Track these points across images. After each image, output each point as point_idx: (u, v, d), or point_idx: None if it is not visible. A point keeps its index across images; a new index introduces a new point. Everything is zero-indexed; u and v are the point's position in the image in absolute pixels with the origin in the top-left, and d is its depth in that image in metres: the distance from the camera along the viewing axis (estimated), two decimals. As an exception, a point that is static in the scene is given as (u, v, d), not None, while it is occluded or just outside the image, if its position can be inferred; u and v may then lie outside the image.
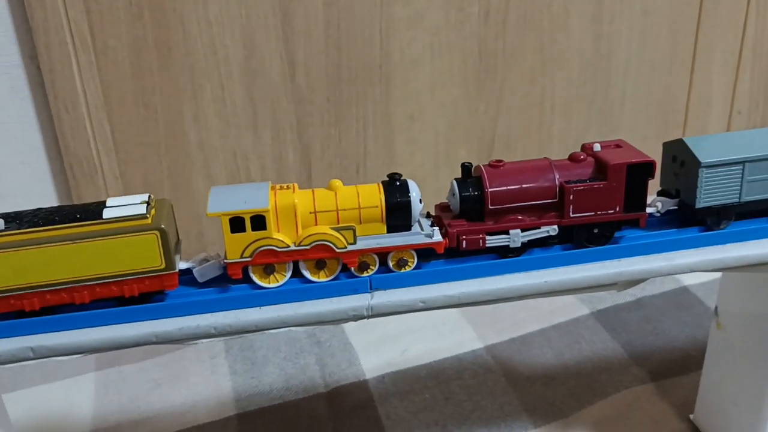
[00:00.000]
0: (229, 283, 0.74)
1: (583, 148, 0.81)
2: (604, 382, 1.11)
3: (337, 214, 0.72)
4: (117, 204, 0.70)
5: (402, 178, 0.75)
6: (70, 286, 0.68)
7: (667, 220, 0.83)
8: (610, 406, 1.06)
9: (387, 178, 0.75)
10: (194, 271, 0.73)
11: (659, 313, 1.28)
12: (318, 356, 1.21)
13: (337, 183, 0.74)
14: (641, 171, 0.75)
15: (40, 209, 0.70)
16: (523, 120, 1.49)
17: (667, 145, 0.83)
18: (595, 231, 0.77)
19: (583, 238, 0.77)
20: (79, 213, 0.68)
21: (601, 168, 0.76)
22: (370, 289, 0.74)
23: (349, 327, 1.28)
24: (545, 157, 0.79)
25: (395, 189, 0.74)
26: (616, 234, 0.78)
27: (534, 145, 1.52)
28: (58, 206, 0.71)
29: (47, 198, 1.21)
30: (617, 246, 0.78)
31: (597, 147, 0.79)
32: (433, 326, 1.28)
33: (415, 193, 0.74)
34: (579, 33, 1.45)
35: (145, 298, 0.71)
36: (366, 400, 1.10)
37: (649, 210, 0.81)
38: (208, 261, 0.75)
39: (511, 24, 1.39)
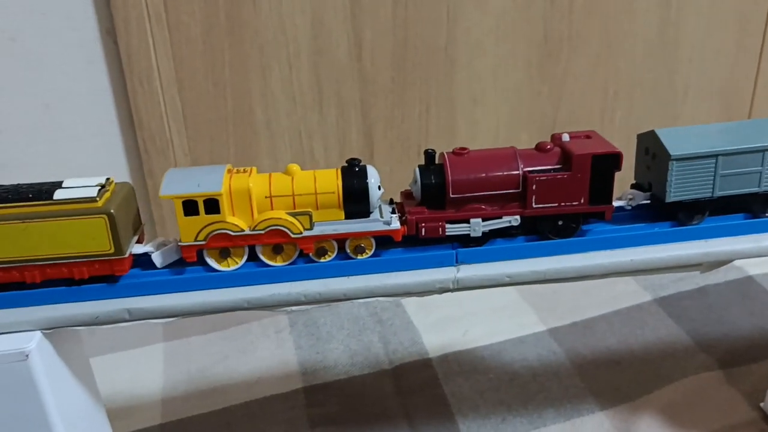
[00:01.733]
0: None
1: (553, 138, 0.78)
2: (670, 367, 1.11)
3: (293, 199, 0.71)
4: (72, 185, 0.69)
5: (361, 163, 0.73)
6: (20, 264, 0.68)
7: (637, 215, 0.80)
8: (678, 391, 1.06)
9: (346, 163, 0.73)
10: (152, 256, 0.72)
11: (724, 302, 1.26)
12: (381, 334, 1.22)
13: (295, 167, 0.72)
14: (608, 162, 0.73)
15: (1, 185, 0.70)
16: (584, 105, 1.47)
17: (640, 137, 0.81)
18: (560, 223, 0.75)
19: (548, 229, 0.75)
20: (32, 192, 0.68)
21: (566, 158, 0.74)
22: (456, 262, 0.75)
23: (410, 307, 1.29)
24: (511, 146, 0.77)
25: (353, 175, 0.72)
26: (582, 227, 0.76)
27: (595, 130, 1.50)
28: (17, 184, 0.70)
29: (119, 172, 1.23)
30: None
31: (565, 137, 0.77)
32: (493, 310, 1.28)
33: (373, 179, 0.72)
34: (645, 18, 1.43)
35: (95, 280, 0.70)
36: (431, 378, 1.11)
37: (619, 203, 0.79)
38: (165, 245, 0.74)
39: (577, 7, 1.38)
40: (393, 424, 1.02)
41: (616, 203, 0.77)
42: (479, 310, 1.28)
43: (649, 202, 0.80)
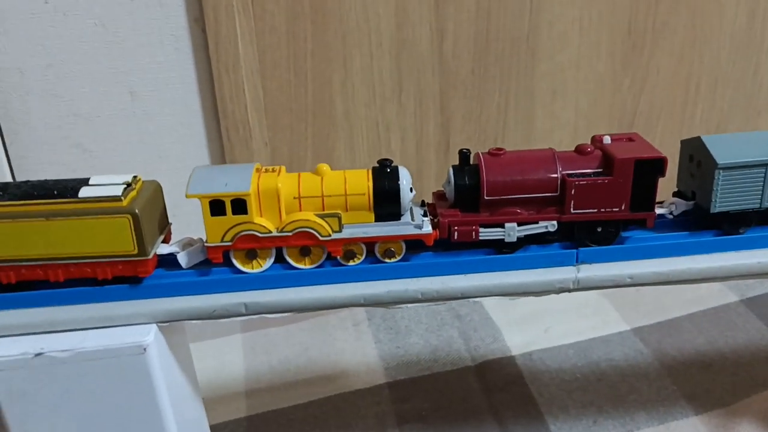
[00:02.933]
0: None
1: (593, 140, 0.75)
2: (766, 372, 1.07)
3: (323, 200, 0.68)
4: (98, 183, 0.67)
5: (393, 164, 0.70)
6: (44, 263, 0.66)
7: (679, 223, 0.76)
8: (775, 397, 1.03)
9: (377, 164, 0.70)
10: (178, 256, 0.70)
11: (815, 305, 1.23)
12: (460, 330, 1.21)
13: (325, 168, 0.70)
14: (651, 168, 0.69)
15: (27, 182, 0.68)
16: (666, 99, 1.43)
17: (684, 143, 0.77)
18: (599, 229, 0.72)
19: (585, 236, 0.72)
20: (57, 189, 0.66)
21: (607, 162, 0.70)
22: (576, 261, 0.72)
23: (488, 303, 1.27)
24: (550, 148, 0.73)
25: (384, 176, 0.69)
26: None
27: (675, 125, 1.46)
28: (44, 180, 0.69)
29: (200, 161, 1.23)
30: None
31: (607, 139, 0.73)
32: (575, 307, 1.26)
33: (405, 180, 0.69)
34: (733, 10, 1.38)
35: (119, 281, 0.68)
36: (516, 376, 1.09)
37: (660, 211, 0.75)
38: (191, 245, 0.71)
39: (663, -2, 1.34)
40: (481, 422, 1.01)
41: (657, 211, 0.74)
42: (558, 307, 1.26)
43: (690, 210, 0.76)
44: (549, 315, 1.23)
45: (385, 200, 0.69)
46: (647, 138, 0.75)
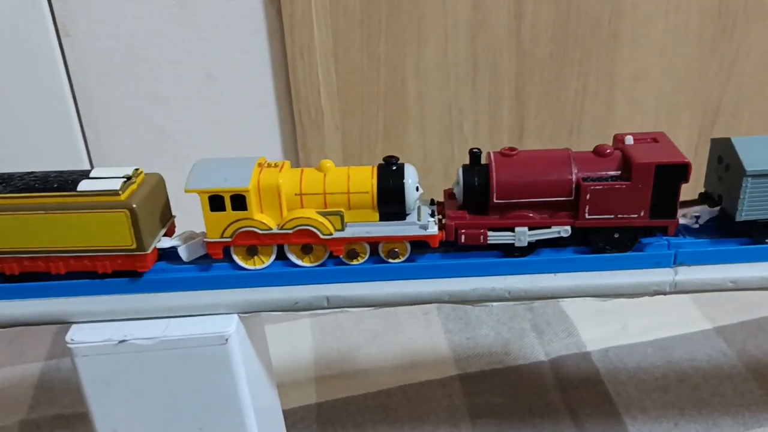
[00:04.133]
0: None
1: (615, 139, 0.70)
2: None
3: (324, 197, 0.66)
4: (97, 176, 0.67)
5: (399, 162, 0.67)
6: (45, 255, 0.66)
7: (703, 228, 0.72)
8: None
9: (383, 161, 0.68)
10: (179, 249, 0.69)
11: None
12: (533, 323, 1.17)
13: (329, 164, 0.67)
14: (674, 173, 0.65)
15: (30, 173, 0.68)
16: (754, 87, 1.36)
17: (714, 142, 0.71)
18: (616, 235, 0.68)
19: (602, 241, 0.68)
20: (58, 182, 0.66)
21: (626, 166, 0.66)
22: (674, 263, 0.69)
23: (562, 295, 1.23)
24: (566, 149, 0.69)
25: (389, 174, 0.66)
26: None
27: (762, 115, 1.39)
28: (47, 172, 0.69)
29: (272, 144, 1.22)
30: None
31: (629, 140, 0.68)
32: (651, 302, 1.20)
33: (411, 179, 0.66)
34: (832, -9, 1.30)
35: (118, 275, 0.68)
36: (592, 373, 1.06)
37: (684, 221, 0.71)
38: (193, 239, 0.70)
39: (757, -21, 1.26)
40: (557, 420, 0.98)
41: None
42: (635, 302, 1.20)
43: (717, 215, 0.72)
44: (626, 310, 1.19)
45: (390, 199, 0.67)
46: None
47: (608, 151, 0.68)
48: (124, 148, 1.17)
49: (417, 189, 0.67)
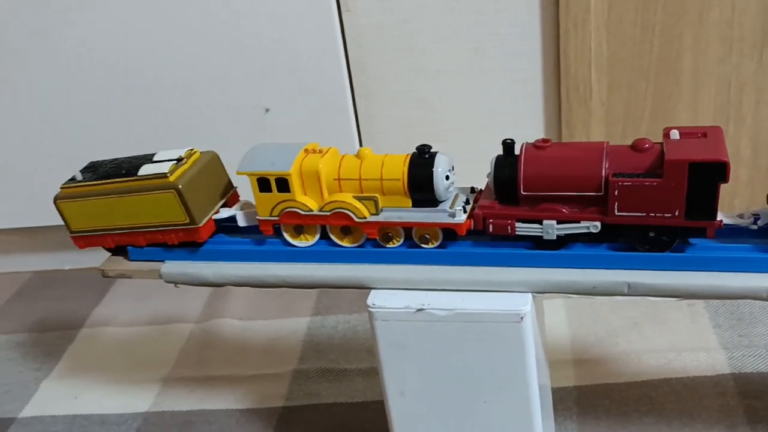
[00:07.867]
0: None
1: (664, 132, 0.65)
2: None
3: (360, 183, 0.70)
4: (158, 159, 0.76)
5: (432, 150, 0.69)
6: (128, 231, 0.77)
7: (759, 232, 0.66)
8: None
9: (416, 150, 0.69)
10: (237, 215, 0.76)
11: None
12: (819, 325, 1.06)
13: (366, 151, 0.71)
14: (710, 172, 0.61)
15: (115, 159, 0.79)
16: None
17: None
18: (651, 234, 0.65)
19: (636, 240, 0.66)
20: (125, 168, 0.75)
21: (662, 162, 0.62)
22: None
23: None
24: (603, 141, 0.67)
25: (420, 162, 0.69)
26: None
27: None
28: (125, 158, 0.78)
29: (534, 120, 1.20)
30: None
31: (674, 134, 0.64)
32: None
33: (441, 168, 0.68)
34: None
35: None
36: None
37: (729, 221, 0.66)
38: (251, 207, 0.76)
39: None
40: None
41: (731, 220, 0.67)
42: None
43: None
44: None
45: (419, 187, 0.70)
46: None
47: (646, 146, 0.65)
48: (392, 119, 1.21)
49: (447, 178, 0.69)
